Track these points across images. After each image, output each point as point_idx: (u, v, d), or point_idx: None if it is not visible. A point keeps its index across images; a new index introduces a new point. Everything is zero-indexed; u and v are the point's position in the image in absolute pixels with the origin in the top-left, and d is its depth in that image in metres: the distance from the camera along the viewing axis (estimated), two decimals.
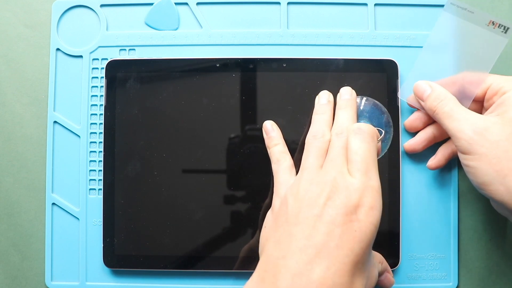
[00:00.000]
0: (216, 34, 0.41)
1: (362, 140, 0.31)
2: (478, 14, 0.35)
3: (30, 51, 0.41)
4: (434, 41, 0.37)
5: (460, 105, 0.34)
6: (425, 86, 0.37)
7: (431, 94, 0.36)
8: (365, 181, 0.30)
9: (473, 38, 0.35)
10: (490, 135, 0.32)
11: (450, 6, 0.36)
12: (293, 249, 0.28)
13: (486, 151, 0.31)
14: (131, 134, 0.39)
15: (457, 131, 0.33)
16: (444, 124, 0.34)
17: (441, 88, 0.36)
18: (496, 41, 0.35)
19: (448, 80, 0.37)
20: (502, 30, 0.34)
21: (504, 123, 0.32)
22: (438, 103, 0.35)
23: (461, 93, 0.36)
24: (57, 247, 0.40)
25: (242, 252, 0.38)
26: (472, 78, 0.36)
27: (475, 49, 0.36)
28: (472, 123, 0.33)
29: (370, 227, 0.29)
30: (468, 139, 0.32)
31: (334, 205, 0.29)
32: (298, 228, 0.29)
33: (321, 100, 0.36)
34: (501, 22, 0.34)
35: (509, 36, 0.34)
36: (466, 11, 0.35)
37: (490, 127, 0.32)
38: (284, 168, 0.35)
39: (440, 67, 0.37)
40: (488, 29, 0.35)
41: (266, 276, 0.28)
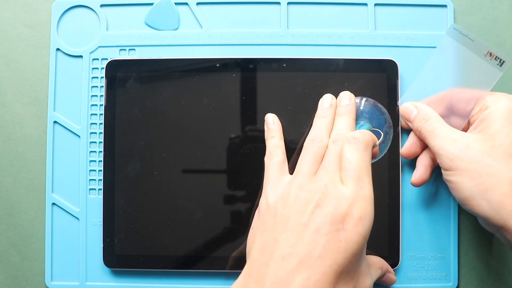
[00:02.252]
0: (216, 34, 0.41)
1: (355, 149, 0.31)
2: (477, 43, 0.35)
3: (30, 51, 0.41)
4: (435, 62, 0.38)
5: (444, 124, 0.35)
6: (411, 107, 0.37)
7: (417, 115, 0.36)
8: (357, 190, 0.30)
9: (470, 66, 0.36)
10: (471, 151, 0.32)
11: (453, 31, 0.37)
12: (276, 257, 0.28)
13: (466, 166, 0.32)
14: (131, 134, 0.39)
15: (439, 148, 0.34)
16: (428, 143, 0.35)
17: (426, 108, 0.36)
18: (491, 73, 0.35)
19: (436, 97, 0.37)
20: (498, 63, 0.34)
21: (485, 138, 0.33)
22: (423, 123, 0.35)
23: (450, 110, 0.37)
24: (57, 247, 0.40)
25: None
26: (463, 95, 0.36)
27: (471, 77, 0.36)
28: (453, 139, 0.33)
29: (357, 237, 0.28)
30: (449, 155, 0.33)
31: (322, 213, 0.29)
32: (283, 236, 0.29)
33: (324, 103, 0.36)
34: (498, 55, 0.34)
35: (504, 69, 0.34)
36: (467, 38, 0.36)
37: (471, 143, 0.33)
38: (274, 162, 0.34)
39: (436, 89, 0.37)
40: (485, 59, 0.35)
41: (249, 281, 0.28)
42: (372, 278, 0.32)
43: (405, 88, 0.40)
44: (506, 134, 0.32)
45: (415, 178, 0.37)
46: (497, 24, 0.41)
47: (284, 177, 0.33)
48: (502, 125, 0.32)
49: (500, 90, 0.40)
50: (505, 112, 0.33)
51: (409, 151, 0.38)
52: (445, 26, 0.40)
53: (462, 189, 0.32)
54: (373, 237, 0.37)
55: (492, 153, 0.32)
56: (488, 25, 0.41)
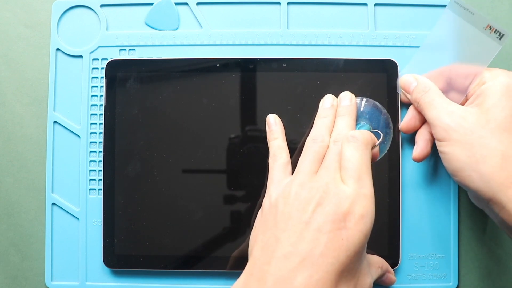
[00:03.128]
0: (216, 34, 0.41)
1: (355, 148, 0.31)
2: (477, 17, 0.35)
3: (30, 51, 0.41)
4: (435, 37, 0.38)
5: (442, 96, 0.35)
6: (411, 79, 0.37)
7: (417, 87, 0.36)
8: (357, 189, 0.30)
9: (470, 39, 0.36)
10: (465, 122, 0.33)
11: (454, 4, 0.36)
12: (278, 255, 0.28)
13: (459, 137, 0.32)
14: (131, 134, 0.39)
15: (435, 119, 0.34)
16: (425, 114, 0.35)
17: (426, 80, 0.36)
18: (491, 46, 0.35)
19: (436, 72, 0.37)
20: (497, 36, 0.34)
21: (481, 112, 0.33)
22: (422, 94, 0.36)
23: (449, 85, 0.37)
24: (57, 247, 0.40)
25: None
26: (462, 71, 0.36)
27: (470, 50, 0.36)
28: (449, 111, 0.34)
29: (358, 235, 0.29)
30: (444, 126, 0.33)
31: (323, 211, 0.29)
32: (285, 234, 0.29)
33: (325, 104, 0.36)
34: (497, 28, 0.34)
35: (503, 42, 0.34)
36: (468, 11, 0.36)
37: (467, 115, 0.33)
38: (279, 164, 0.35)
39: (436, 63, 0.37)
40: (484, 33, 0.35)
41: (251, 280, 0.28)
42: (372, 277, 0.32)
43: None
44: (502, 109, 0.32)
45: (416, 153, 0.37)
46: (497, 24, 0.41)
47: (287, 178, 0.33)
48: (498, 99, 0.33)
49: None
50: (502, 87, 0.33)
51: (408, 125, 0.38)
52: None
53: (454, 160, 0.33)
54: (373, 237, 0.37)
55: (486, 126, 0.32)
56: None
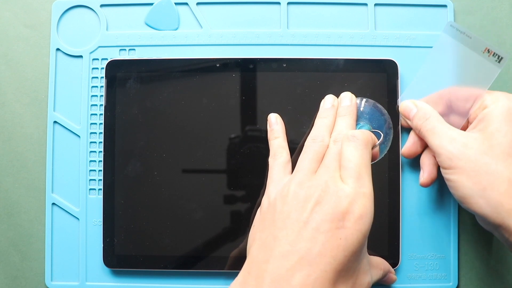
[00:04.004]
0: (216, 34, 0.41)
1: (355, 148, 0.31)
2: (475, 40, 0.35)
3: (30, 51, 0.41)
4: (432, 61, 0.38)
5: (443, 122, 0.35)
6: (410, 105, 0.37)
7: (417, 113, 0.36)
8: (357, 188, 0.30)
9: (468, 63, 0.36)
10: (469, 150, 0.32)
11: (450, 28, 0.36)
12: (276, 254, 0.28)
13: (465, 165, 0.32)
14: (131, 134, 0.39)
15: (438, 147, 0.34)
16: (428, 142, 0.35)
17: (426, 106, 0.36)
18: (490, 69, 0.35)
19: (435, 95, 0.37)
20: (496, 59, 0.34)
21: (484, 137, 0.33)
22: (422, 122, 0.35)
23: (449, 108, 0.37)
24: (57, 247, 0.40)
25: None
26: (462, 94, 0.36)
27: (469, 74, 0.36)
28: (452, 138, 0.33)
29: (357, 235, 0.29)
30: (448, 154, 0.33)
31: (322, 210, 0.29)
32: (283, 233, 0.29)
33: (326, 104, 0.36)
34: (496, 51, 0.34)
35: (502, 65, 0.34)
36: (465, 35, 0.36)
37: (470, 142, 0.33)
38: (279, 163, 0.35)
39: (435, 87, 0.37)
40: (483, 56, 0.35)
41: (249, 279, 0.29)
42: (372, 277, 0.32)
43: (405, 88, 0.40)
44: (505, 133, 0.32)
45: (424, 178, 0.37)
46: (497, 24, 0.41)
47: (287, 177, 0.33)
48: (500, 124, 0.33)
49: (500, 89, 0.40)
50: (504, 111, 0.33)
51: (410, 150, 0.38)
52: None
53: (461, 188, 0.32)
54: (373, 237, 0.37)
55: (491, 152, 0.32)
56: (488, 25, 0.41)
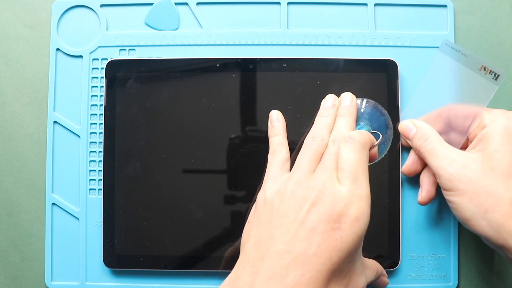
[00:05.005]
0: (216, 34, 0.41)
1: (352, 149, 0.31)
2: (471, 58, 0.35)
3: (30, 51, 0.41)
4: (430, 79, 0.38)
5: (442, 143, 0.35)
6: (410, 125, 0.37)
7: (416, 133, 0.36)
8: (353, 190, 0.30)
9: (465, 81, 0.36)
10: (469, 171, 0.32)
11: (445, 46, 0.37)
12: (272, 252, 0.28)
13: (465, 187, 0.32)
14: (131, 134, 0.39)
15: (438, 169, 0.33)
16: (428, 162, 0.35)
17: (425, 126, 0.36)
18: (487, 87, 0.34)
19: (434, 113, 0.37)
20: (493, 77, 0.34)
21: (484, 158, 0.32)
22: (422, 142, 0.35)
23: (448, 126, 0.37)
24: (57, 247, 0.40)
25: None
26: (461, 112, 0.36)
27: (467, 91, 0.36)
28: (452, 160, 0.33)
29: (352, 236, 0.29)
30: (448, 176, 0.33)
31: (318, 211, 0.29)
32: (279, 232, 0.29)
33: (326, 103, 0.36)
34: (492, 69, 0.34)
35: (499, 83, 0.34)
36: (460, 53, 0.36)
37: (470, 163, 0.33)
38: (277, 160, 0.35)
39: (433, 105, 0.37)
40: (480, 74, 0.35)
41: (243, 275, 0.29)
42: (367, 279, 0.32)
43: (405, 88, 0.40)
44: (504, 154, 0.32)
45: (422, 197, 0.37)
46: (497, 24, 0.41)
47: (284, 175, 0.33)
48: (500, 144, 0.32)
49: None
50: (503, 130, 0.33)
51: (409, 169, 0.38)
52: (445, 26, 0.40)
53: (462, 210, 0.32)
54: (373, 237, 0.37)
55: (491, 173, 0.32)
56: (488, 25, 0.41)
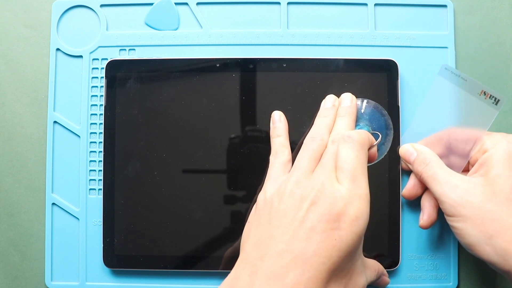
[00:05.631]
0: (216, 34, 0.41)
1: (351, 149, 0.31)
2: (470, 82, 0.35)
3: (30, 51, 0.41)
4: (429, 103, 0.38)
5: (444, 168, 0.35)
6: (411, 150, 0.37)
7: (417, 158, 0.36)
8: (352, 190, 0.30)
9: (465, 105, 0.36)
10: (472, 197, 0.32)
11: (444, 71, 0.37)
12: (271, 252, 0.28)
13: (469, 213, 0.32)
14: (131, 134, 0.39)
15: (441, 195, 0.33)
16: (430, 188, 0.35)
17: (426, 151, 0.36)
18: (487, 111, 0.34)
19: (434, 137, 0.37)
20: (493, 102, 0.34)
21: (486, 184, 0.32)
22: (423, 167, 0.35)
23: (448, 149, 0.37)
24: (57, 247, 0.40)
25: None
26: (461, 136, 0.36)
27: (467, 115, 0.36)
28: (454, 185, 0.33)
29: (352, 236, 0.29)
30: (451, 202, 0.33)
31: (317, 211, 0.29)
32: (279, 232, 0.29)
33: (326, 103, 0.36)
34: (492, 93, 0.34)
35: (499, 108, 0.34)
36: (460, 77, 0.36)
37: (472, 188, 0.32)
38: (279, 161, 0.35)
39: (433, 128, 0.37)
40: (480, 98, 0.35)
41: (242, 275, 0.29)
42: (367, 279, 0.32)
43: (405, 88, 0.40)
44: (506, 179, 0.32)
45: (423, 221, 0.36)
46: (497, 24, 0.41)
47: (285, 176, 0.33)
48: (502, 169, 0.32)
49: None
50: (504, 155, 0.33)
51: (410, 192, 0.37)
52: (445, 26, 0.40)
53: (466, 235, 0.32)
54: (373, 237, 0.37)
55: (494, 198, 0.32)
56: (488, 25, 0.41)
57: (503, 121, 0.40)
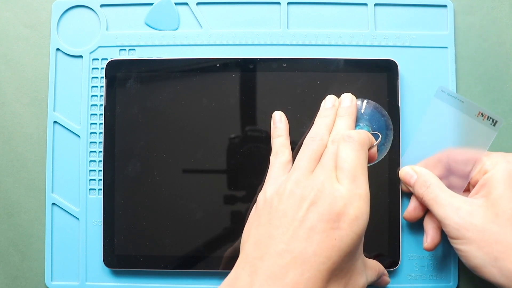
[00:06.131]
0: (216, 34, 0.41)
1: (351, 148, 0.31)
2: (467, 104, 0.35)
3: (30, 51, 0.41)
4: (427, 125, 0.38)
5: (445, 190, 0.34)
6: (411, 172, 0.37)
7: (417, 180, 0.36)
8: (352, 189, 0.30)
9: (463, 127, 0.36)
10: (475, 219, 0.32)
11: (441, 93, 0.37)
12: (271, 252, 0.28)
13: (473, 235, 0.32)
14: (131, 134, 0.39)
15: (444, 218, 0.33)
16: (432, 211, 0.35)
17: (426, 173, 0.36)
18: (486, 133, 0.34)
19: (433, 159, 0.37)
20: (491, 123, 0.34)
21: (488, 205, 0.32)
22: (424, 190, 0.35)
23: (448, 170, 0.36)
24: (57, 247, 0.40)
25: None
26: (460, 157, 0.36)
27: (465, 137, 0.36)
28: (457, 208, 0.33)
29: (352, 236, 0.29)
30: (454, 224, 0.32)
31: (317, 211, 0.29)
32: (279, 231, 0.29)
33: (326, 104, 0.36)
34: (489, 115, 0.34)
35: (497, 129, 0.34)
36: (456, 99, 0.36)
37: (475, 210, 0.32)
38: (279, 162, 0.35)
39: (432, 149, 0.37)
40: (477, 120, 0.35)
41: (242, 275, 0.29)
42: (367, 279, 0.32)
43: (405, 88, 0.40)
44: (509, 199, 0.32)
45: (428, 243, 0.36)
46: (497, 24, 0.41)
47: (285, 176, 0.33)
48: (503, 190, 0.32)
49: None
50: (505, 175, 0.33)
51: (411, 215, 0.37)
52: (445, 26, 0.40)
53: (472, 258, 0.32)
54: (373, 237, 0.37)
55: (497, 220, 0.32)
56: (488, 25, 0.41)
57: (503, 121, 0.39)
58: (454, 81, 0.40)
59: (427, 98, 0.40)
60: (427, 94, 0.40)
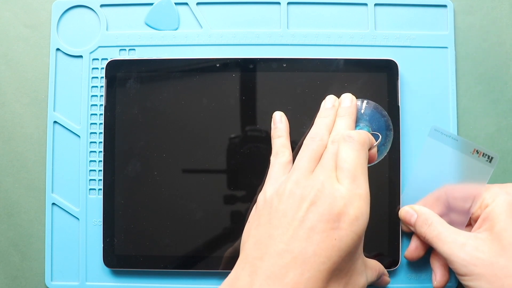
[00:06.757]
0: (216, 34, 0.41)
1: (351, 148, 0.31)
2: (462, 142, 0.35)
3: (30, 51, 0.41)
4: (423, 164, 0.38)
5: (447, 226, 0.34)
6: (410, 211, 0.37)
7: (418, 219, 0.36)
8: (352, 189, 0.30)
9: (460, 164, 0.36)
10: (481, 253, 0.32)
11: (434, 132, 0.37)
12: (271, 252, 0.28)
13: (481, 271, 0.31)
14: (131, 134, 0.39)
15: (450, 255, 0.33)
16: (436, 249, 0.34)
17: (425, 211, 0.36)
18: (482, 169, 0.34)
19: (432, 197, 0.37)
20: (487, 160, 0.34)
21: (493, 238, 0.32)
22: (426, 228, 0.35)
23: (448, 208, 0.36)
24: (57, 247, 0.40)
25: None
26: (459, 194, 0.36)
27: (462, 174, 0.36)
28: (462, 244, 0.33)
29: (352, 236, 0.29)
30: (461, 261, 0.32)
31: (317, 211, 0.29)
32: (279, 231, 0.29)
33: (326, 104, 0.36)
34: (485, 151, 0.34)
35: (494, 165, 0.34)
36: (450, 138, 0.36)
37: (481, 245, 0.32)
38: (280, 162, 0.35)
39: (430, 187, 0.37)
40: (473, 157, 0.35)
41: (242, 275, 0.29)
42: (368, 279, 0.32)
43: (405, 88, 0.40)
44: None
45: (437, 282, 0.36)
46: (497, 24, 0.41)
47: (285, 176, 0.33)
48: (506, 222, 0.32)
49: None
50: (506, 207, 0.33)
51: (412, 255, 0.37)
52: (445, 26, 0.40)
53: None
54: (373, 237, 0.37)
55: (504, 253, 0.31)
56: (488, 25, 0.41)
57: (503, 121, 0.39)
58: (454, 81, 0.40)
59: (427, 98, 0.40)
60: (427, 94, 0.40)
